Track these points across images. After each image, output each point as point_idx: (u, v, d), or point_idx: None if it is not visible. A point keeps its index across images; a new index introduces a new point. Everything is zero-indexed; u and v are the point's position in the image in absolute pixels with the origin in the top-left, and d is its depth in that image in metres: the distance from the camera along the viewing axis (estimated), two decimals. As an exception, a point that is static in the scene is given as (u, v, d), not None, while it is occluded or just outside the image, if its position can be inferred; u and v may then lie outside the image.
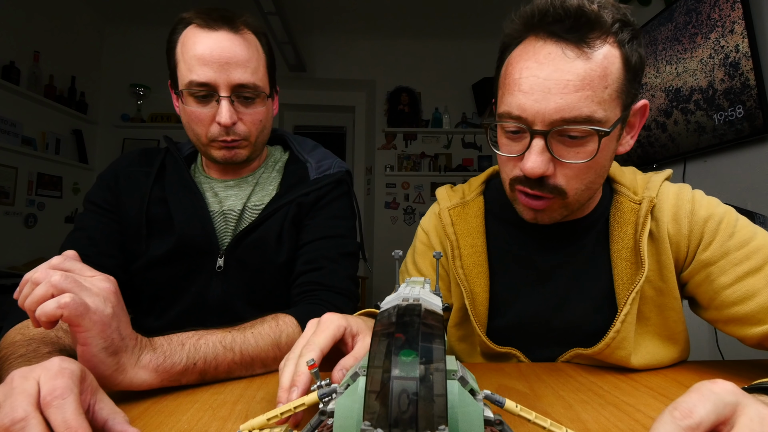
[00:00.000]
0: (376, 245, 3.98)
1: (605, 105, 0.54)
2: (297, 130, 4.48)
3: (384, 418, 0.22)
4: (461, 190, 0.79)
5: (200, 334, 0.56)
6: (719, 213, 0.62)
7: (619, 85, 0.55)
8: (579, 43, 0.53)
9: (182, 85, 0.74)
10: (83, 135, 3.41)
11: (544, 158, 0.56)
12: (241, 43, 0.75)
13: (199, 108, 0.75)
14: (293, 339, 0.62)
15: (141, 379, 0.48)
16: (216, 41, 0.73)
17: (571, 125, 0.53)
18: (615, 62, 0.54)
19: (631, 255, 0.64)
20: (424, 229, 0.79)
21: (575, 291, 0.69)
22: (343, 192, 0.88)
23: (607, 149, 0.58)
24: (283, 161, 0.91)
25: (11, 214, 2.82)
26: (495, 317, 0.71)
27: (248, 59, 0.75)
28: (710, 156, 1.94)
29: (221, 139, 0.76)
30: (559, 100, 0.53)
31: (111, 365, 0.45)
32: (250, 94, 0.76)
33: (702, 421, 0.29)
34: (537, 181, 0.58)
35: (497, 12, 3.52)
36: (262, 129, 0.81)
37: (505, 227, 0.74)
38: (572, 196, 0.59)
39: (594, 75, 0.53)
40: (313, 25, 3.81)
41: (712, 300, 0.61)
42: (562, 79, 0.53)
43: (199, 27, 0.74)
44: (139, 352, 0.49)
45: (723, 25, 1.80)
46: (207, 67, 0.72)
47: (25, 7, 2.87)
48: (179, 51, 0.75)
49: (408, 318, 0.26)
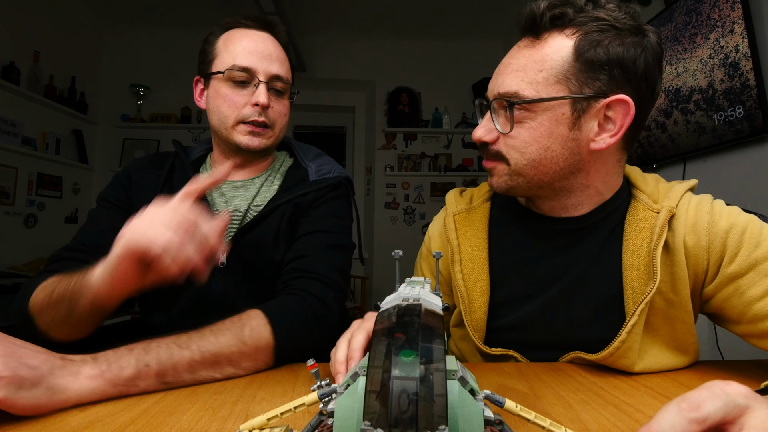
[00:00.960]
0: (376, 245, 3.98)
1: (538, 86, 0.61)
2: (297, 130, 4.48)
3: (384, 418, 0.22)
4: (470, 195, 0.81)
5: (154, 339, 0.56)
6: (741, 223, 0.60)
7: (561, 71, 0.60)
8: (534, 35, 0.63)
9: (224, 67, 0.80)
10: (83, 135, 3.41)
11: (485, 127, 0.67)
12: (278, 46, 0.86)
13: (235, 91, 0.81)
14: (258, 332, 0.61)
15: (88, 389, 0.49)
16: (261, 39, 0.83)
17: (503, 99, 0.63)
18: (561, 50, 0.60)
19: (643, 264, 0.63)
20: (429, 234, 0.82)
21: (580, 295, 0.68)
22: (341, 194, 0.90)
23: (547, 129, 0.62)
24: (287, 166, 0.95)
25: (11, 214, 2.82)
26: (495, 319, 0.71)
27: (284, 59, 0.86)
28: (710, 156, 1.94)
29: (252, 120, 0.81)
30: (500, 79, 0.64)
31: (42, 395, 0.46)
32: (281, 87, 0.84)
33: (709, 416, 0.29)
34: (483, 148, 0.68)
35: (497, 12, 3.52)
36: (284, 123, 0.88)
37: (510, 231, 0.74)
38: (514, 166, 0.65)
39: (531, 59, 0.62)
40: (313, 26, 3.80)
41: (743, 314, 0.59)
42: (507, 63, 0.65)
43: (246, 28, 0.84)
44: (77, 367, 0.49)
45: (723, 25, 1.80)
46: (251, 56, 0.80)
47: (25, 7, 2.87)
48: (221, 44, 0.83)
49: (408, 318, 0.26)
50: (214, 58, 0.83)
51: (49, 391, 0.46)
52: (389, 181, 4.05)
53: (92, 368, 0.50)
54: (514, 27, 0.67)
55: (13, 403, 0.43)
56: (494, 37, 3.96)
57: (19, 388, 0.44)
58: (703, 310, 0.67)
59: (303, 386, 0.55)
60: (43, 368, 0.47)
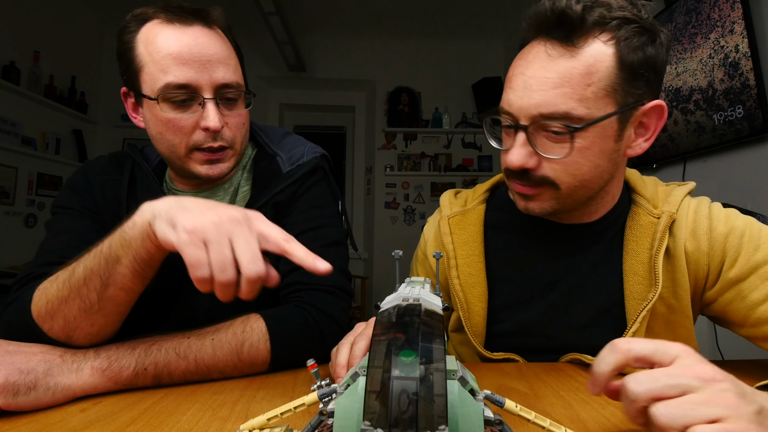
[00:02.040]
0: (376, 245, 3.98)
1: (588, 102, 0.54)
2: (297, 130, 4.47)
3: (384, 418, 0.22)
4: (464, 198, 0.78)
5: (155, 339, 0.55)
6: (740, 226, 0.60)
7: (609, 83, 0.54)
8: (564, 41, 0.55)
9: (155, 89, 0.65)
10: (83, 135, 3.41)
11: (525, 152, 0.58)
12: (218, 39, 0.69)
13: (179, 114, 0.66)
14: (256, 348, 0.59)
15: (90, 384, 0.50)
16: (193, 37, 0.65)
17: (548, 120, 0.55)
18: (605, 60, 0.54)
19: (644, 271, 0.62)
20: (425, 237, 0.80)
21: (580, 300, 0.67)
22: (319, 179, 0.80)
23: (598, 147, 0.57)
24: (252, 158, 0.83)
25: (11, 214, 2.83)
26: (494, 324, 0.70)
27: (228, 56, 0.69)
28: (710, 156, 1.94)
29: (207, 146, 0.68)
30: (538, 96, 0.55)
31: (43, 395, 0.46)
32: (233, 95, 0.70)
33: (632, 350, 0.36)
34: (522, 174, 0.60)
35: (497, 12, 3.52)
36: (245, 135, 0.75)
37: (508, 234, 0.73)
38: (564, 189, 0.59)
39: (575, 72, 0.54)
40: (313, 25, 3.81)
41: (746, 317, 0.59)
42: (542, 76, 0.55)
43: (168, 23, 0.66)
44: (78, 363, 0.50)
45: (723, 25, 1.80)
46: (187, 67, 0.64)
47: (25, 7, 2.87)
48: (143, 51, 0.66)
49: (408, 318, 0.26)
50: (140, 70, 0.67)
51: (50, 391, 0.47)
52: (389, 181, 4.05)
53: (94, 364, 0.51)
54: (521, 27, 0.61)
55: (16, 408, 0.45)
56: (494, 37, 3.96)
57: (15, 394, 0.44)
58: (705, 314, 0.67)
59: (303, 386, 0.55)
60: (38, 370, 0.47)
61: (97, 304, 0.51)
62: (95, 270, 0.50)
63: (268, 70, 4.02)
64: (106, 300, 0.51)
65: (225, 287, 0.44)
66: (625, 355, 0.36)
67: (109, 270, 0.49)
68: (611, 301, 0.65)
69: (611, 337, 0.62)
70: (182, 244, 0.44)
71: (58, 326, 0.52)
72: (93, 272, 0.50)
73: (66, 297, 0.51)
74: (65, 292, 0.51)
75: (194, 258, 0.43)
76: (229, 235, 0.45)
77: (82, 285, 0.50)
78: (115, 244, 0.49)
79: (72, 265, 0.52)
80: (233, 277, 0.44)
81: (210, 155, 0.69)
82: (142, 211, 0.48)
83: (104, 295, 0.50)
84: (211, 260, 0.43)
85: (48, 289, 0.53)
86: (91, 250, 0.51)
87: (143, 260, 0.50)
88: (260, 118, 4.02)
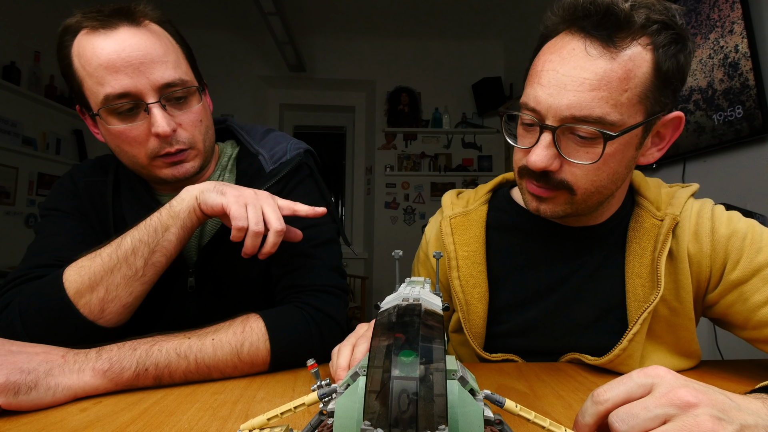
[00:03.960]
0: (376, 245, 3.98)
1: (622, 108, 0.52)
2: (297, 130, 4.48)
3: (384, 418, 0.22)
4: (466, 198, 0.77)
5: (156, 339, 0.56)
6: (742, 229, 0.60)
7: (643, 90, 0.53)
8: (606, 41, 0.52)
9: (97, 104, 0.63)
10: (83, 135, 3.41)
11: (549, 153, 0.55)
12: (150, 36, 0.64)
13: (127, 125, 0.64)
14: (256, 348, 0.59)
15: (91, 385, 0.50)
16: (120, 41, 0.61)
17: (580, 124, 0.53)
18: (643, 66, 0.52)
19: (647, 273, 0.62)
20: (426, 237, 0.79)
21: (582, 302, 0.67)
22: (304, 176, 0.79)
23: (621, 155, 0.56)
24: (234, 157, 0.81)
25: (12, 214, 2.83)
26: (495, 325, 0.70)
27: (164, 53, 0.65)
28: (710, 156, 1.94)
29: (164, 153, 0.66)
30: (572, 97, 0.52)
31: (44, 394, 0.47)
32: (180, 93, 0.66)
33: (609, 399, 0.36)
34: (542, 175, 0.58)
35: (497, 12, 3.52)
36: (205, 130, 0.71)
37: (510, 236, 0.72)
38: (580, 195, 0.58)
39: (614, 76, 0.51)
40: (313, 25, 3.81)
41: (748, 320, 0.59)
42: (579, 76, 0.52)
43: (93, 30, 0.62)
44: (79, 364, 0.51)
45: (722, 25, 1.80)
46: (121, 74, 0.61)
47: (26, 8, 2.87)
48: (78, 65, 0.63)
49: (408, 318, 0.26)
50: (81, 85, 0.64)
51: (50, 391, 0.47)
52: (389, 181, 4.05)
53: (95, 365, 0.51)
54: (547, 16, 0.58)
55: (17, 407, 0.45)
56: (494, 37, 3.96)
57: (16, 393, 0.45)
58: (707, 316, 0.67)
59: (303, 386, 0.55)
60: (40, 370, 0.47)
61: (141, 270, 0.59)
62: (143, 240, 0.59)
63: (268, 70, 4.02)
64: (149, 266, 0.60)
65: (256, 236, 0.58)
66: (605, 407, 0.36)
67: (158, 238, 0.60)
68: (613, 302, 0.65)
69: (612, 338, 0.63)
70: (230, 203, 0.58)
71: (97, 298, 0.58)
72: (141, 242, 0.59)
73: (112, 267, 0.58)
74: (112, 262, 0.58)
75: (239, 212, 0.58)
76: (261, 202, 0.60)
77: (130, 254, 0.59)
78: (164, 216, 0.60)
79: (115, 241, 0.60)
80: (263, 230, 0.58)
81: (170, 159, 0.67)
82: (188, 190, 0.62)
83: (150, 261, 0.60)
84: (249, 215, 0.58)
85: (89, 266, 0.58)
86: (138, 225, 0.61)
87: (187, 228, 0.61)
88: (260, 118, 4.02)
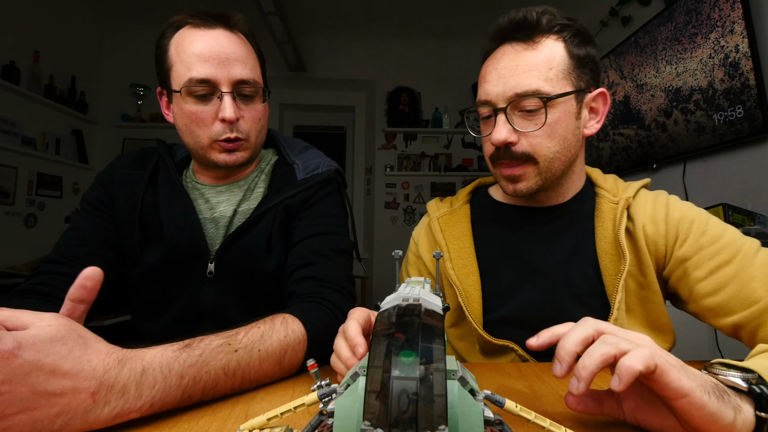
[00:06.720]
0: (376, 245, 3.98)
1: (552, 82, 0.66)
2: (297, 130, 4.48)
3: (384, 418, 0.22)
4: (449, 201, 0.87)
5: (204, 360, 0.48)
6: (691, 214, 0.69)
7: (565, 68, 0.67)
8: (526, 40, 0.68)
9: (181, 84, 0.74)
10: (83, 135, 3.41)
11: (506, 128, 0.68)
12: (237, 41, 0.77)
13: (200, 106, 0.74)
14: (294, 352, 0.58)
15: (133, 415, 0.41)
16: (214, 39, 0.74)
17: (524, 99, 0.66)
18: (558, 51, 0.68)
19: (613, 249, 0.71)
20: (414, 239, 0.86)
21: (564, 283, 0.73)
22: (332, 190, 0.85)
23: (564, 122, 0.68)
24: (272, 164, 0.90)
25: (11, 214, 2.82)
26: (489, 312, 0.74)
27: (246, 56, 0.77)
28: (710, 156, 1.94)
29: (224, 138, 0.75)
30: (512, 81, 0.67)
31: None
32: (249, 91, 0.77)
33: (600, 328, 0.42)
34: (506, 151, 0.69)
35: (497, 12, 3.51)
36: (260, 129, 0.81)
37: (491, 227, 0.80)
38: (543, 162, 0.69)
39: (539, 60, 0.67)
40: (313, 25, 3.80)
41: (690, 293, 0.68)
42: (514, 66, 0.68)
43: (195, 27, 0.75)
44: (112, 406, 0.39)
45: (723, 25, 1.80)
46: (207, 64, 0.73)
47: (25, 7, 2.87)
48: (173, 52, 0.75)
49: (408, 318, 0.26)
50: (170, 69, 0.76)
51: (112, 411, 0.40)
52: (389, 181, 4.05)
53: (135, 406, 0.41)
54: (483, 45, 0.75)
55: None
56: (494, 37, 3.95)
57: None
58: (668, 294, 0.73)
59: (303, 386, 0.55)
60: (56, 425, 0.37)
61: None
62: None
63: (268, 70, 3.96)
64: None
65: None
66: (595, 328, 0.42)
67: None
68: (592, 283, 0.73)
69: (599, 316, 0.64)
70: None
71: None
72: None
73: None
74: None
75: None
76: None
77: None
78: None
79: None
80: None
81: (227, 145, 0.76)
82: None
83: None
84: None
85: None
86: None
87: None
88: (260, 118, 4.01)
